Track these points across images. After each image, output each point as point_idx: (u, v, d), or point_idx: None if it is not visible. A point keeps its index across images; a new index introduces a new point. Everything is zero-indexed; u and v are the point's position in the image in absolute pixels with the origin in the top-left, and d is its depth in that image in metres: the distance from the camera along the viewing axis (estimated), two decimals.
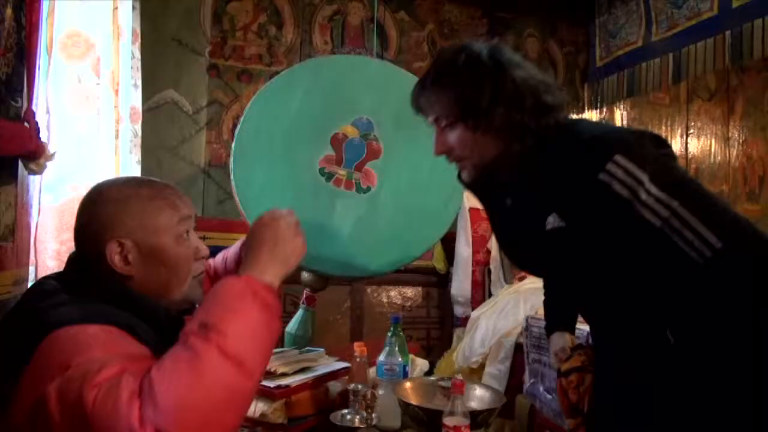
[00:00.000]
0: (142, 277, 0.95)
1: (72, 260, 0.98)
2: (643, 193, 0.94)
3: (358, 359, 1.75)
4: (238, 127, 1.89)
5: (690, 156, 3.68)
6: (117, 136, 1.78)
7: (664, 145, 1.03)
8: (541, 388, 2.14)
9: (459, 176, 1.22)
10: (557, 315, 1.51)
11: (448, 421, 1.37)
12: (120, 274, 0.94)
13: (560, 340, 1.45)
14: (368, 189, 1.94)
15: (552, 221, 1.05)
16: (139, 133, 2.03)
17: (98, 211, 0.95)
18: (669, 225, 0.94)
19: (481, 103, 1.03)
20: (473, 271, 2.92)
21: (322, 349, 1.85)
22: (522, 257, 1.26)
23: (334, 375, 1.73)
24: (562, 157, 1.03)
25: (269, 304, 0.84)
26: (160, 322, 0.92)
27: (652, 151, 0.98)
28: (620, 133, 1.02)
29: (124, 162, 1.90)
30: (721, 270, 0.93)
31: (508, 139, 1.06)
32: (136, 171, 2.01)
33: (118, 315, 0.87)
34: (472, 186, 1.23)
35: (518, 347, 2.40)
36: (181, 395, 0.72)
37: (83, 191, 1.57)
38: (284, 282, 1.07)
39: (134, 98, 1.97)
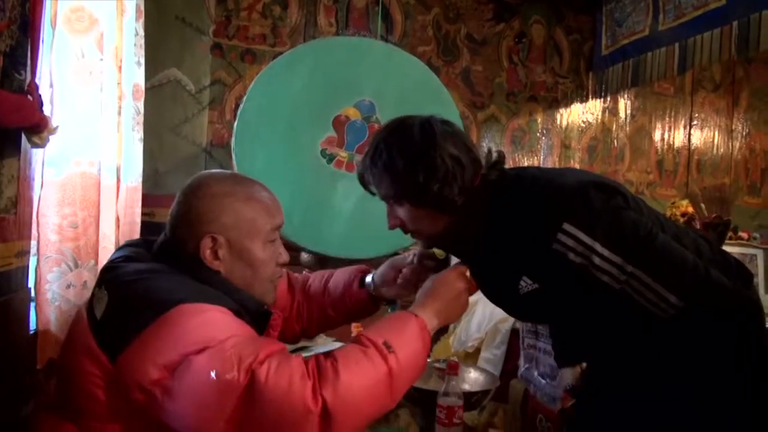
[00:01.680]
0: (227, 273, 1.02)
1: (166, 243, 1.04)
2: (597, 258, 0.96)
3: None
4: (241, 106, 1.89)
5: (693, 148, 3.68)
6: (119, 113, 1.78)
7: (612, 192, 1.02)
8: (536, 373, 2.15)
9: None
10: (563, 352, 1.56)
11: (443, 401, 1.39)
12: (207, 267, 1.00)
13: (567, 377, 1.54)
14: None
15: (525, 284, 1.09)
16: (142, 110, 2.03)
17: (198, 204, 1.01)
18: (629, 285, 0.97)
19: (417, 183, 1.05)
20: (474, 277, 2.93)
21: None
22: (509, 311, 1.29)
23: None
24: (513, 224, 1.06)
25: (428, 345, 1.00)
26: (250, 312, 0.99)
27: (599, 209, 0.98)
28: (565, 194, 1.00)
29: (127, 139, 1.90)
30: (685, 323, 0.97)
31: (448, 213, 1.09)
32: (138, 149, 2.01)
33: (228, 301, 0.94)
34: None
35: (514, 333, 2.41)
36: (357, 389, 0.85)
37: (86, 166, 1.59)
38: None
39: (137, 76, 1.96)
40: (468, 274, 1.14)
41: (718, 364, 0.98)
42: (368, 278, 1.31)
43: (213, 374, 0.81)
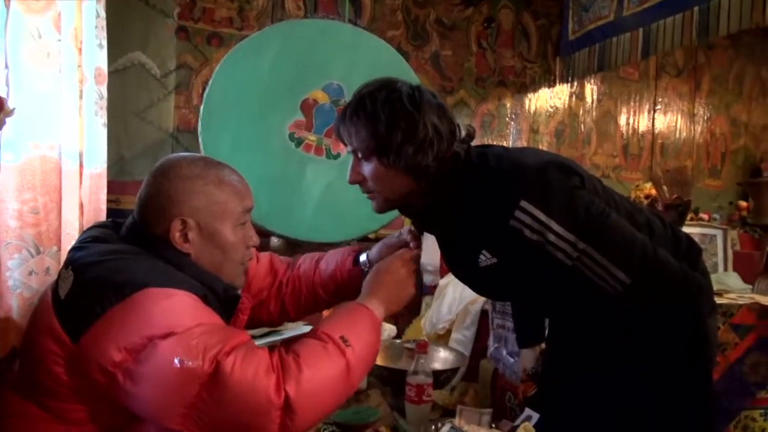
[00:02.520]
0: (197, 256, 1.01)
1: (134, 225, 1.03)
2: (551, 235, 0.99)
3: None
4: (207, 90, 1.87)
5: (656, 132, 3.77)
6: (81, 96, 1.74)
7: (569, 172, 1.05)
8: (504, 352, 2.20)
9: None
10: (524, 331, 1.60)
11: (412, 380, 1.41)
12: (176, 249, 0.99)
13: (528, 358, 1.59)
14: (338, 155, 1.95)
15: (484, 259, 1.12)
16: (105, 95, 1.98)
17: (167, 186, 1.00)
18: (581, 262, 1.00)
19: (393, 141, 1.06)
20: (440, 250, 2.95)
21: None
22: (470, 285, 1.32)
23: (301, 338, 1.75)
24: (475, 199, 1.08)
25: (380, 334, 1.03)
26: (218, 296, 1.00)
27: (557, 187, 1.01)
28: (524, 173, 1.03)
29: (90, 124, 1.85)
30: (632, 300, 1.01)
31: (414, 178, 1.11)
32: (102, 134, 1.96)
33: (195, 284, 0.94)
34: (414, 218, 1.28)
35: (484, 314, 2.45)
36: (318, 382, 0.87)
37: (45, 150, 1.55)
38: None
39: (99, 59, 1.91)
40: (411, 258, 1.16)
41: (665, 345, 1.03)
42: (362, 257, 1.32)
43: (177, 361, 0.81)
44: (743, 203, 3.71)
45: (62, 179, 1.54)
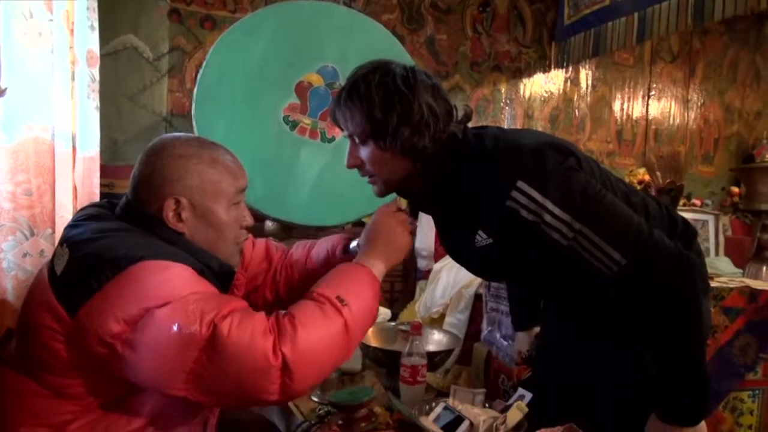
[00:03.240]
0: (191, 235, 1.01)
1: (129, 205, 1.03)
2: (548, 215, 0.99)
3: None
4: (200, 72, 1.85)
5: (650, 118, 3.78)
6: (73, 78, 1.72)
7: (566, 153, 1.05)
8: (498, 335, 2.22)
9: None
10: (520, 314, 1.60)
11: (407, 361, 1.42)
12: (170, 228, 0.99)
13: (523, 341, 1.60)
14: (333, 139, 1.94)
15: (480, 239, 1.11)
16: (97, 78, 1.97)
17: (161, 165, 1.00)
18: (576, 242, 1.00)
19: (389, 124, 1.06)
20: (436, 230, 2.96)
21: None
22: (466, 265, 1.32)
23: None
24: (472, 180, 1.08)
25: (378, 292, 1.02)
26: (214, 272, 1.00)
27: (553, 168, 1.01)
28: (521, 153, 1.03)
29: (82, 107, 1.84)
30: (627, 280, 1.01)
31: (412, 160, 1.10)
32: (94, 117, 1.95)
33: (191, 259, 0.95)
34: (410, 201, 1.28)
35: (477, 298, 2.47)
36: (314, 343, 0.88)
37: (38, 132, 1.54)
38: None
39: (91, 41, 1.89)
40: (397, 207, 1.16)
41: (661, 325, 1.03)
42: (353, 244, 1.32)
43: (175, 327, 0.82)
44: (735, 189, 3.73)
45: (55, 161, 1.53)
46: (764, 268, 2.95)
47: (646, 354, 1.09)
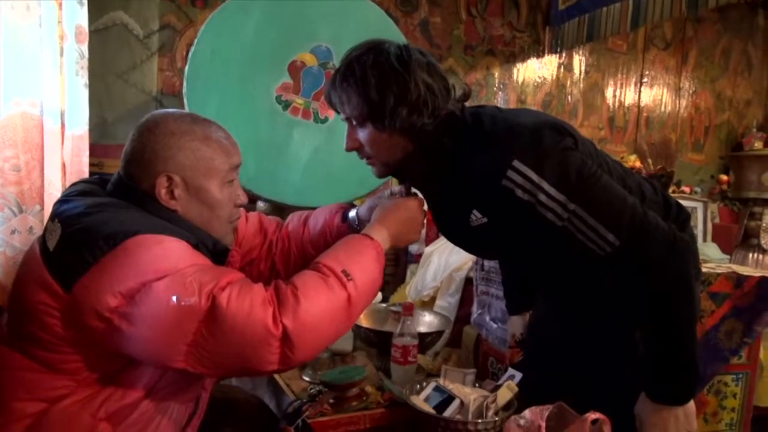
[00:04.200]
0: (183, 213, 1.00)
1: (121, 181, 1.01)
2: (543, 195, 0.99)
3: None
4: (192, 49, 1.82)
5: (642, 105, 3.79)
6: (61, 54, 1.69)
7: (563, 133, 1.04)
8: (488, 318, 2.23)
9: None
10: (514, 297, 1.61)
11: (398, 341, 1.43)
12: (162, 205, 0.99)
13: (517, 325, 1.59)
14: (326, 119, 1.93)
15: (475, 218, 1.12)
16: (86, 54, 1.93)
17: (153, 141, 0.99)
18: (571, 223, 1.00)
19: (387, 105, 1.04)
20: (429, 209, 2.97)
21: None
22: (459, 244, 1.32)
23: None
24: (468, 159, 1.08)
25: (383, 267, 1.03)
26: (208, 249, 0.99)
27: (550, 148, 1.00)
28: (517, 133, 1.02)
29: (71, 84, 1.81)
30: (622, 262, 1.02)
31: (411, 140, 1.10)
32: (83, 94, 1.92)
33: (186, 234, 0.94)
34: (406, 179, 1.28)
35: (468, 281, 2.48)
36: (316, 315, 0.87)
37: (26, 107, 1.51)
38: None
39: (80, 16, 1.86)
40: (423, 203, 1.18)
41: (653, 305, 1.04)
42: (351, 213, 1.32)
43: (174, 299, 0.81)
44: (724, 177, 3.77)
45: (44, 138, 1.51)
46: (750, 254, 3.00)
47: (636, 334, 1.10)
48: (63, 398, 0.90)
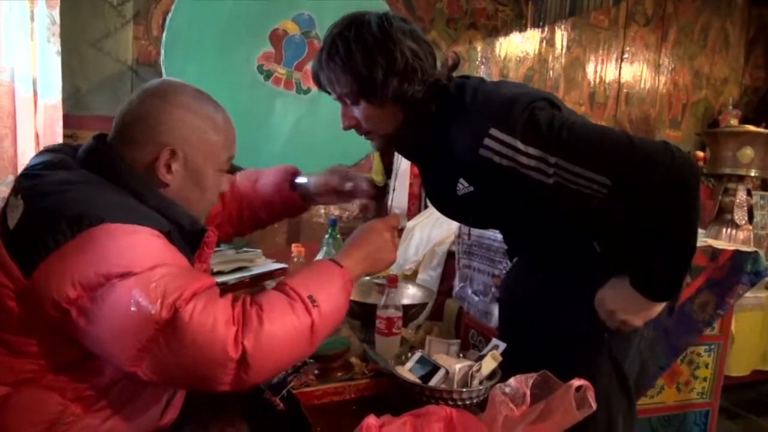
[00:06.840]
0: (175, 190, 0.97)
1: (95, 149, 0.95)
2: (522, 157, 0.97)
3: (295, 259, 1.78)
4: (169, 15, 1.77)
5: (623, 81, 3.80)
6: (32, 18, 1.63)
7: (539, 100, 1.02)
8: (469, 291, 2.26)
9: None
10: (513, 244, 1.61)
11: (382, 313, 1.44)
12: (156, 177, 0.95)
13: None
14: (308, 90, 1.90)
15: (462, 187, 1.11)
16: (58, 20, 1.86)
17: (163, 108, 0.94)
18: (560, 177, 0.98)
19: (376, 78, 1.03)
20: (411, 184, 2.97)
21: (258, 251, 1.86)
22: (448, 214, 1.31)
23: (270, 275, 1.75)
24: (450, 130, 1.07)
25: (349, 296, 0.99)
26: (184, 230, 0.96)
27: (520, 109, 0.99)
28: (494, 102, 1.02)
29: (42, 50, 1.75)
30: (624, 198, 0.99)
31: (403, 109, 1.09)
32: (55, 62, 1.85)
33: (159, 219, 0.89)
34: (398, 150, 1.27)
35: (450, 255, 2.50)
36: (278, 339, 0.84)
37: None
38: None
39: None
40: (396, 224, 1.14)
41: (660, 219, 1.00)
42: (301, 179, 1.31)
43: (134, 302, 0.77)
44: (700, 153, 3.82)
45: (16, 106, 1.46)
46: (724, 229, 3.06)
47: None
48: (26, 383, 0.86)
